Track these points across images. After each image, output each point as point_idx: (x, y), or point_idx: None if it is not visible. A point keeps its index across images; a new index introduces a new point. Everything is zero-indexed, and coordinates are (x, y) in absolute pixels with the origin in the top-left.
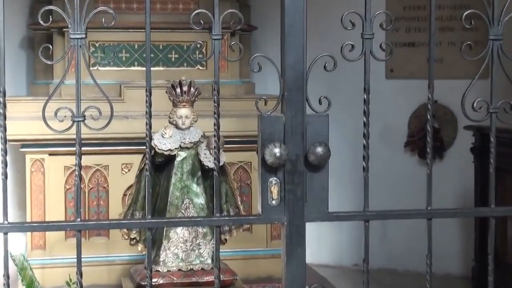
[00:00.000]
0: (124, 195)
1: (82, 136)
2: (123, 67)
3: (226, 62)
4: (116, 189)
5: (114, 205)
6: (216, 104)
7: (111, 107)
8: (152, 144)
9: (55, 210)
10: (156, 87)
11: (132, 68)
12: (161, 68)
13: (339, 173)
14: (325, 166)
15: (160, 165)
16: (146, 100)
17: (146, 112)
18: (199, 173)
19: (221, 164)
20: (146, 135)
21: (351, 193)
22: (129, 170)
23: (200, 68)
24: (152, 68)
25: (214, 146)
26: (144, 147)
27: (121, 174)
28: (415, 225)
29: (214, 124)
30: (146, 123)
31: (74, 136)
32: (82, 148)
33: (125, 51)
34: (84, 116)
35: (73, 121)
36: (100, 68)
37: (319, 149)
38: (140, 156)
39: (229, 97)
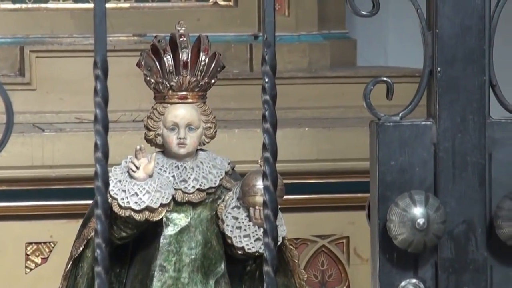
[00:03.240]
0: None
1: None
2: (29, 4)
3: None
4: None
5: None
6: (268, 96)
7: (6, 104)
8: (109, 196)
9: None
10: (114, 52)
11: (50, 5)
12: (125, 5)
13: None
14: None
15: (125, 247)
16: (97, 86)
17: (96, 117)
18: (221, 267)
19: (279, 242)
20: (96, 173)
21: None
22: (44, 260)
23: (221, 3)
24: (107, 5)
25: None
26: (87, 202)
27: (25, 270)
28: None
29: (264, 146)
30: (96, 143)
31: None
32: None
33: None
34: None
35: None
36: None
37: None
38: (74, 224)
39: (295, 75)
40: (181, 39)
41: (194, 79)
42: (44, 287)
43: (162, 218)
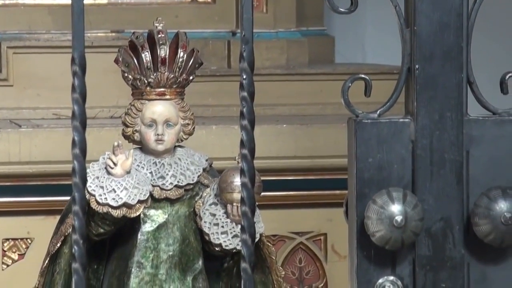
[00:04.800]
0: None
1: None
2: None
3: None
4: None
5: None
6: (246, 92)
7: None
8: (86, 192)
9: None
10: (92, 49)
11: (27, 1)
12: (103, 1)
13: None
14: None
15: (102, 243)
16: (74, 82)
17: (74, 114)
18: (199, 264)
19: (256, 239)
20: (73, 169)
21: None
22: (21, 256)
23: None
24: (85, 1)
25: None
26: (65, 199)
27: (1, 266)
28: None
29: (242, 143)
30: (74, 139)
31: None
32: None
33: None
34: None
35: None
36: None
37: (503, 206)
38: (51, 221)
39: (273, 72)
40: (159, 35)
41: (172, 76)
42: (21, 283)
43: (139, 215)
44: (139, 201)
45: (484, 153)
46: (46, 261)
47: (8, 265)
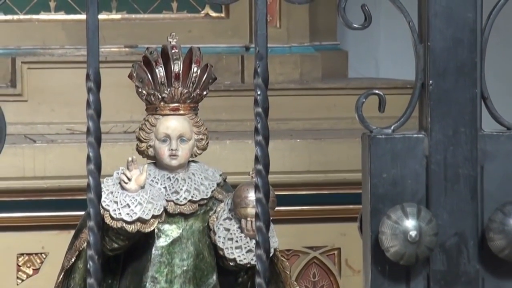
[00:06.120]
0: None
1: None
2: (21, 15)
3: (278, 1)
4: None
5: None
6: (260, 108)
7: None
8: (100, 207)
9: None
10: (106, 64)
11: (42, 16)
12: (116, 16)
13: None
14: None
15: (117, 258)
16: (89, 98)
17: (88, 130)
18: (213, 279)
19: (270, 254)
20: (88, 185)
21: None
22: (36, 271)
23: (212, 14)
24: (99, 16)
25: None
26: (79, 213)
27: (16, 281)
28: None
29: (256, 159)
30: (89, 155)
31: None
32: None
33: None
34: None
35: None
36: None
37: None
38: (65, 235)
39: (286, 87)
40: (173, 50)
41: (186, 91)
42: None
43: (154, 230)
44: (153, 216)
45: (499, 168)
46: (61, 276)
47: (23, 280)
